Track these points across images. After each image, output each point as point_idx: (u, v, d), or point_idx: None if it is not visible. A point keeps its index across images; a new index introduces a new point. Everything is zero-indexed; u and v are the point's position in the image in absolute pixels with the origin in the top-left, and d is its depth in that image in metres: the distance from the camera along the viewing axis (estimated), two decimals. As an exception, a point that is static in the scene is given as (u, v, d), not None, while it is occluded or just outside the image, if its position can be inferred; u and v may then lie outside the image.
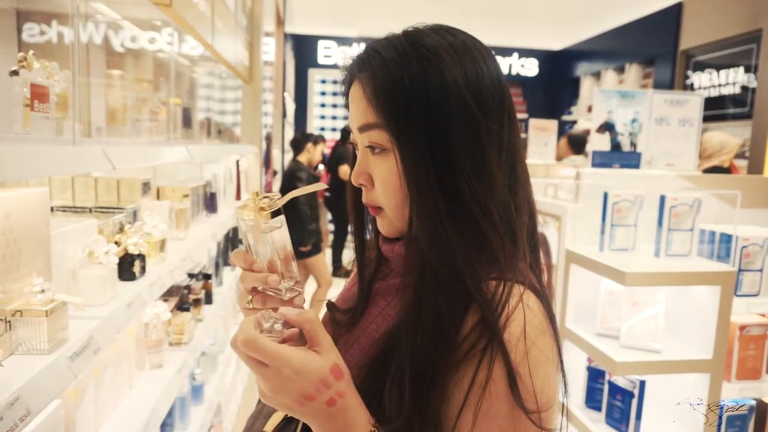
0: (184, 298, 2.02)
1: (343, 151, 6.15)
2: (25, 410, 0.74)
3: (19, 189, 0.94)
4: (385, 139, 0.67)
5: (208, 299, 2.31)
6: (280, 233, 0.66)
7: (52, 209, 1.42)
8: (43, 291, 0.92)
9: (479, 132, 0.65)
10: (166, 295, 1.96)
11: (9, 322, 0.88)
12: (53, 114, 1.03)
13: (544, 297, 0.68)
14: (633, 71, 7.27)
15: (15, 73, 0.96)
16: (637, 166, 2.29)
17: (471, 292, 0.63)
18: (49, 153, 0.87)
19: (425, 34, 0.67)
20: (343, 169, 5.33)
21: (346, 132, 5.88)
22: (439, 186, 0.64)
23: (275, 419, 0.77)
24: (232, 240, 2.99)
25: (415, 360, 0.63)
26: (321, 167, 5.69)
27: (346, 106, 0.75)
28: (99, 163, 1.05)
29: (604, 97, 2.28)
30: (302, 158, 4.86)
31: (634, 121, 2.26)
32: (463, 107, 0.64)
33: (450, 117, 0.64)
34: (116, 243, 1.34)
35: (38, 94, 0.93)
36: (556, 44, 9.24)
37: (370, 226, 0.82)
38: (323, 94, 9.21)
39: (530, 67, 9.55)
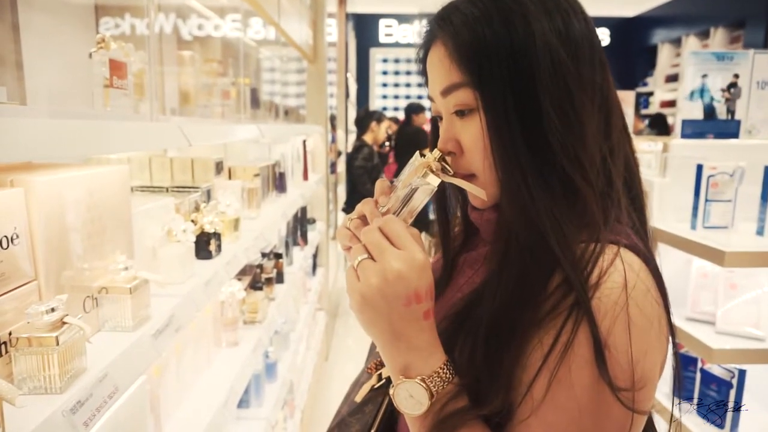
0: (257, 277, 2.04)
1: (409, 132, 5.90)
2: (113, 387, 0.74)
3: (100, 167, 0.94)
4: (471, 98, 0.63)
5: (280, 278, 2.33)
6: (421, 196, 0.66)
7: (131, 189, 1.44)
8: (126, 268, 0.92)
9: (568, 79, 0.61)
10: (240, 275, 1.99)
11: (95, 299, 0.89)
12: (131, 92, 1.03)
13: (651, 259, 0.61)
14: (719, 35, 6.70)
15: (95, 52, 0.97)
16: (735, 135, 2.08)
17: (555, 253, 0.58)
18: (129, 129, 0.87)
19: None
20: None
21: (411, 109, 5.71)
22: (525, 140, 0.60)
23: (365, 389, 0.77)
24: (300, 220, 3.00)
25: (493, 317, 0.60)
26: (387, 144, 5.61)
27: (423, 74, 0.72)
28: (175, 139, 1.04)
29: (697, 61, 2.08)
30: (367, 137, 4.83)
31: (733, 86, 2.05)
32: (550, 54, 0.60)
33: (536, 65, 0.60)
34: (192, 222, 1.35)
35: (116, 69, 0.93)
36: (630, 11, 8.67)
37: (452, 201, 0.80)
38: (385, 73, 9.13)
39: (601, 37, 9.00)
